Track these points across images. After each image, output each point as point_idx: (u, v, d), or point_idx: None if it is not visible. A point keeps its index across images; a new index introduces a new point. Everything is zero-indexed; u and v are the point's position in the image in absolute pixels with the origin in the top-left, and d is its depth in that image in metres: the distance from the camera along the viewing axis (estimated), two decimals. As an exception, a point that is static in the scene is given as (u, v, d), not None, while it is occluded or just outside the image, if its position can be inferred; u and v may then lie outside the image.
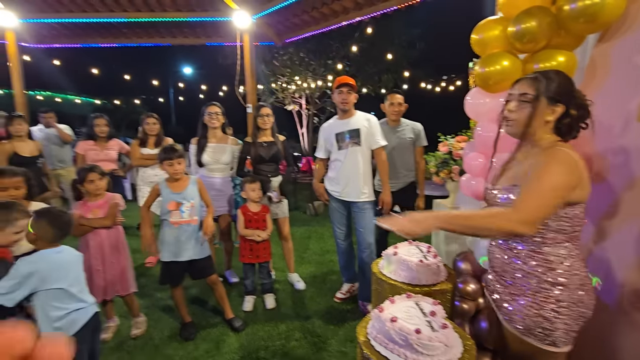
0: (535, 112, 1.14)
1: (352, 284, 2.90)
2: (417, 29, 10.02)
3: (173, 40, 6.58)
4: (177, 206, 2.27)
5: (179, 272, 2.32)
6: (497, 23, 1.83)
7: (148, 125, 3.41)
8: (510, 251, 1.19)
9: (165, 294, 2.90)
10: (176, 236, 2.26)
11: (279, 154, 2.92)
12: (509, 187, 1.17)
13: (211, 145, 2.90)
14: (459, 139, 2.84)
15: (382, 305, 1.23)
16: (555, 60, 1.60)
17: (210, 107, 2.89)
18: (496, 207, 1.20)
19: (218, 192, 2.92)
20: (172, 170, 2.27)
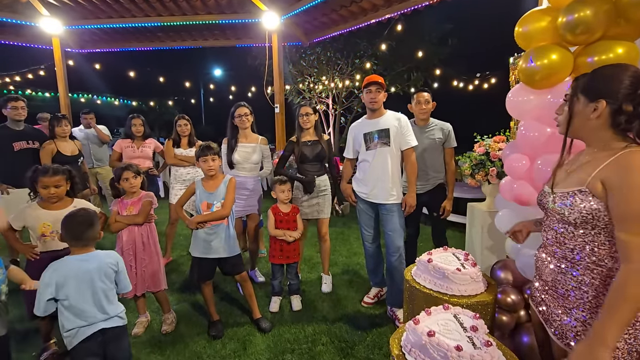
0: (572, 110, 1.08)
1: (380, 289, 2.82)
2: (449, 25, 9.67)
3: (204, 42, 6.76)
4: (209, 206, 2.29)
5: (209, 268, 2.35)
6: (544, 14, 1.70)
7: (180, 127, 3.50)
8: (567, 261, 1.08)
9: (194, 292, 2.94)
10: (207, 235, 2.28)
11: (323, 152, 2.89)
12: (573, 192, 1.05)
13: (242, 145, 2.92)
14: (496, 139, 2.68)
15: (417, 317, 1.15)
16: (613, 52, 1.45)
17: (239, 109, 2.91)
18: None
19: (249, 192, 2.94)
20: (206, 166, 2.29)
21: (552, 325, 1.11)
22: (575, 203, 1.03)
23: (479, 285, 1.44)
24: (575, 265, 1.06)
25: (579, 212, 1.01)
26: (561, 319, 1.07)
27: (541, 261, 1.18)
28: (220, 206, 2.28)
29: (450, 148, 2.81)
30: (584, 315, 1.02)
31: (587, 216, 1.01)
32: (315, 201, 2.90)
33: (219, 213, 2.26)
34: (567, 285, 1.07)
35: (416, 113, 2.82)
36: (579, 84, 1.07)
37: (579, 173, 1.07)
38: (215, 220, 2.27)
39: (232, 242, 2.34)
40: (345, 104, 10.85)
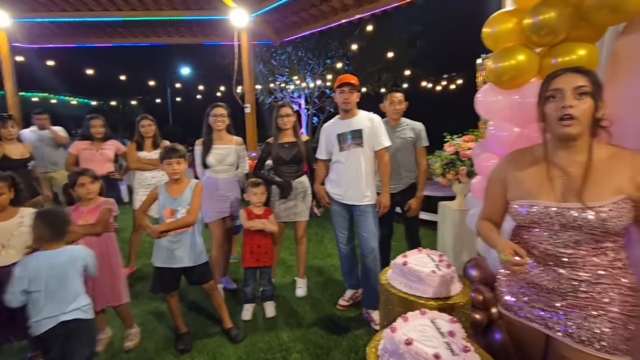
0: (597, 103, 1.03)
1: (356, 290, 2.79)
2: (418, 27, 9.91)
3: (169, 39, 6.47)
4: (172, 213, 2.15)
5: (173, 279, 2.21)
6: (511, 15, 1.72)
7: (143, 128, 3.30)
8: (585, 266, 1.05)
9: (161, 302, 2.78)
10: (170, 243, 2.15)
11: (300, 154, 2.82)
12: (617, 201, 1.00)
13: (217, 147, 2.80)
14: (466, 139, 2.73)
15: (394, 325, 1.11)
16: (575, 53, 1.49)
17: (215, 109, 2.78)
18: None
19: (223, 194, 2.82)
20: (170, 169, 2.14)
21: (573, 334, 1.06)
22: (622, 212, 1.00)
23: (454, 287, 1.43)
24: (604, 270, 1.04)
25: (627, 218, 1.01)
26: (592, 326, 1.03)
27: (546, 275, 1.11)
28: (186, 213, 2.15)
29: (421, 147, 2.83)
30: (620, 314, 1.01)
31: (628, 222, 1.01)
32: (292, 203, 2.82)
33: (184, 220, 2.13)
34: (597, 293, 1.04)
35: (389, 113, 2.83)
36: (592, 80, 1.03)
37: (605, 180, 1.02)
38: (179, 228, 2.14)
39: (198, 251, 2.21)
40: (318, 104, 10.83)
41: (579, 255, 1.05)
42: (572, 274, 1.06)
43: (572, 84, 1.03)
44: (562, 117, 1.03)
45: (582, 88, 1.02)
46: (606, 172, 1.03)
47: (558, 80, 1.07)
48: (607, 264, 1.03)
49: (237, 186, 2.94)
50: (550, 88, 1.08)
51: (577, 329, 1.05)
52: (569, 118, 1.02)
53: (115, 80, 12.70)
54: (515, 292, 1.21)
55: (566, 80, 1.05)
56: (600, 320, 1.02)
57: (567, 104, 1.02)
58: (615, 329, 1.01)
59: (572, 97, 1.03)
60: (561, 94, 1.05)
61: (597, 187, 1.02)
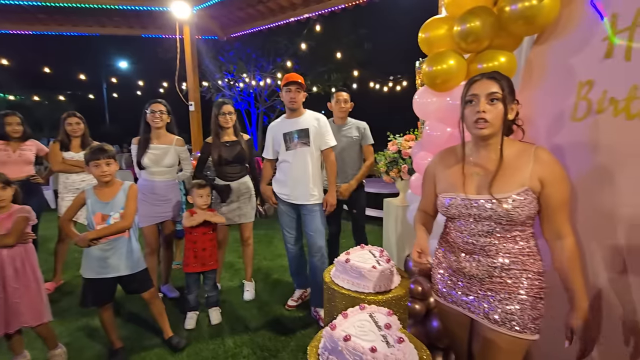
0: (507, 109, 1.14)
1: (305, 290, 2.79)
2: (365, 29, 10.21)
3: (102, 29, 5.93)
4: (104, 219, 1.96)
5: (106, 290, 2.03)
6: (443, 22, 1.82)
7: (70, 126, 2.98)
8: (508, 254, 1.15)
9: (92, 317, 2.53)
10: (102, 251, 1.96)
11: (243, 153, 2.72)
12: (519, 193, 1.11)
13: (153, 147, 2.61)
14: (407, 138, 2.86)
15: (334, 322, 1.12)
16: (497, 60, 1.62)
17: (153, 105, 2.60)
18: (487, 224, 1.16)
19: (160, 197, 2.65)
20: (99, 172, 1.95)
21: (488, 315, 1.17)
22: (524, 203, 1.10)
23: (393, 280, 1.49)
24: (514, 257, 1.14)
25: (529, 209, 1.11)
26: (505, 308, 1.14)
27: (467, 263, 1.22)
28: (119, 217, 1.98)
29: (368, 145, 2.91)
30: (528, 297, 1.13)
31: (531, 212, 1.11)
32: (236, 205, 2.74)
33: (118, 225, 1.96)
34: (508, 277, 1.14)
35: (335, 112, 2.88)
36: (504, 85, 1.14)
37: (511, 175, 1.13)
38: (113, 234, 1.96)
39: (135, 257, 2.06)
40: (268, 103, 10.68)
41: (492, 244, 1.16)
42: (488, 260, 1.17)
43: (486, 91, 1.14)
44: (477, 120, 1.14)
45: (494, 94, 1.13)
46: (514, 167, 1.14)
47: (475, 86, 1.17)
48: (517, 251, 1.14)
49: (178, 189, 2.79)
50: (469, 93, 1.18)
51: (492, 311, 1.17)
52: (483, 121, 1.13)
53: (38, 72, 11.28)
54: (445, 279, 1.32)
55: (481, 86, 1.15)
56: (511, 302, 1.13)
57: (481, 109, 1.13)
58: (524, 310, 1.12)
59: (485, 103, 1.14)
60: (477, 99, 1.15)
61: (505, 180, 1.14)
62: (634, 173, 1.22)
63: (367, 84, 11.55)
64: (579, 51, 1.40)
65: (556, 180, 1.11)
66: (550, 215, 1.13)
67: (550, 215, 1.13)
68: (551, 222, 1.13)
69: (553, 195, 1.11)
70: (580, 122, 1.39)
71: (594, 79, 1.34)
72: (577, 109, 1.40)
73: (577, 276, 1.10)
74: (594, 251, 1.33)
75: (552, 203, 1.11)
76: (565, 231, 1.12)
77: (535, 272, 1.14)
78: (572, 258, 1.11)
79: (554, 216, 1.12)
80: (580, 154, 1.37)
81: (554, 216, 1.12)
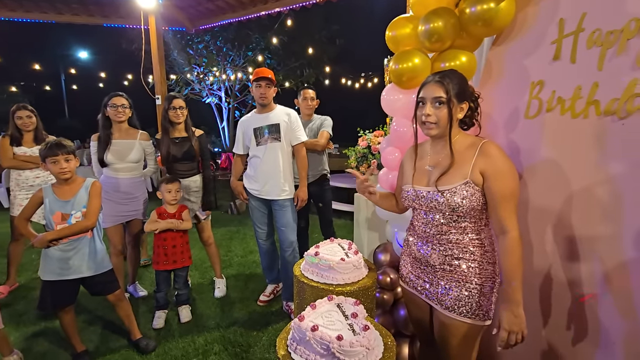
0: (452, 111, 1.21)
1: (277, 285, 2.80)
2: (337, 26, 10.24)
3: (58, 17, 5.54)
4: (64, 218, 1.86)
5: (68, 292, 1.93)
6: (408, 21, 1.88)
7: (20, 120, 2.79)
8: (456, 244, 1.22)
9: (52, 320, 2.41)
10: (63, 252, 1.87)
11: (193, 151, 2.63)
12: (461, 185, 1.18)
13: (116, 142, 2.50)
14: (376, 134, 2.92)
15: (303, 313, 1.14)
16: (459, 60, 1.69)
17: (115, 99, 2.48)
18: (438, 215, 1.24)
19: (125, 195, 2.54)
20: (57, 168, 1.83)
21: (442, 302, 1.25)
22: (466, 195, 1.17)
23: (361, 272, 1.53)
24: (464, 247, 1.21)
25: (470, 201, 1.16)
26: (454, 295, 1.22)
27: (424, 251, 1.30)
28: (81, 216, 1.89)
29: (324, 130, 2.82)
30: (476, 285, 1.20)
31: (474, 204, 1.17)
32: (188, 205, 2.62)
33: (80, 225, 1.87)
34: (458, 266, 1.21)
35: (302, 108, 2.89)
36: (450, 89, 1.20)
37: (456, 168, 1.20)
38: (75, 235, 1.87)
39: (99, 258, 1.97)
40: (239, 98, 10.49)
41: (443, 233, 1.24)
42: (442, 249, 1.25)
43: (431, 95, 1.22)
44: (424, 122, 1.24)
45: (439, 98, 1.21)
46: (462, 160, 1.22)
47: (424, 89, 1.26)
48: (468, 241, 1.22)
49: (144, 185, 2.69)
50: (419, 96, 1.27)
51: (445, 298, 1.24)
52: (430, 123, 1.22)
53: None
54: (408, 267, 1.40)
55: (427, 90, 1.24)
56: (461, 290, 1.21)
57: (426, 112, 1.22)
58: (472, 297, 1.20)
59: (431, 107, 1.22)
60: (424, 101, 1.25)
61: (453, 173, 1.21)
62: (579, 167, 1.33)
63: (339, 80, 11.63)
64: (532, 53, 1.49)
65: (498, 173, 1.15)
66: (493, 208, 1.17)
67: (493, 208, 1.18)
68: (494, 214, 1.17)
69: (494, 188, 1.15)
70: (532, 119, 1.48)
71: (544, 80, 1.44)
72: (530, 108, 1.49)
73: (513, 270, 1.13)
74: (546, 241, 1.44)
75: (494, 196, 1.16)
76: (509, 225, 1.14)
77: (485, 262, 1.21)
78: (511, 252, 1.13)
79: (497, 209, 1.16)
80: (533, 150, 1.47)
81: (497, 209, 1.16)
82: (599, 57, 1.25)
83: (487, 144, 1.20)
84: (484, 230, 1.24)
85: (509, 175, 1.15)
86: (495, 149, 1.18)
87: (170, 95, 2.62)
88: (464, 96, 1.23)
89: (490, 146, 1.19)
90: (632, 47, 1.17)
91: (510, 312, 1.13)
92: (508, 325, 1.13)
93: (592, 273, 1.31)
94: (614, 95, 1.21)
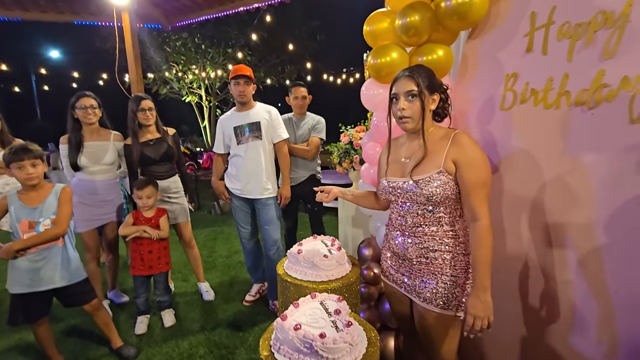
0: (424, 104, 1.22)
1: (262, 284, 2.78)
2: (317, 21, 10.18)
3: (24, 14, 5.28)
4: (32, 226, 1.78)
5: (40, 304, 1.85)
6: (385, 15, 1.87)
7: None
8: (431, 236, 1.24)
9: (26, 332, 2.31)
10: (32, 262, 1.78)
11: (171, 151, 2.55)
12: (434, 175, 1.20)
13: (89, 144, 2.38)
14: (358, 129, 2.92)
15: (285, 312, 1.13)
16: (436, 54, 1.70)
17: (82, 99, 2.34)
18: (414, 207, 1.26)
19: (101, 198, 2.44)
20: (23, 174, 1.74)
21: (419, 294, 1.26)
22: (439, 184, 1.18)
23: (344, 268, 1.53)
24: (439, 239, 1.23)
25: (444, 190, 1.18)
26: (431, 287, 1.23)
27: (401, 244, 1.31)
28: (51, 224, 1.81)
29: (315, 137, 2.81)
30: (451, 277, 1.22)
31: (447, 192, 1.18)
32: (168, 207, 2.56)
33: (50, 233, 1.78)
34: (434, 259, 1.23)
35: (294, 106, 2.84)
36: (421, 82, 1.21)
37: (430, 159, 1.22)
38: (44, 243, 1.79)
39: (73, 267, 1.89)
40: (220, 96, 10.32)
41: (420, 226, 1.26)
42: (417, 242, 1.26)
43: (403, 89, 1.23)
44: (401, 117, 1.25)
45: (411, 92, 1.22)
46: (435, 151, 1.24)
47: (396, 85, 1.27)
48: (443, 233, 1.23)
49: (119, 188, 2.60)
50: (392, 93, 1.29)
51: (422, 290, 1.26)
52: (405, 117, 1.24)
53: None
54: (388, 261, 1.41)
55: (399, 85, 1.25)
56: (436, 281, 1.23)
57: (400, 107, 1.24)
58: (448, 289, 1.22)
59: (404, 101, 1.24)
60: (397, 97, 1.26)
61: (426, 163, 1.24)
62: (552, 157, 1.36)
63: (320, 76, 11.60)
64: (505, 46, 1.52)
65: (469, 162, 1.16)
66: (465, 196, 1.19)
67: (465, 197, 1.19)
68: (466, 203, 1.19)
69: (466, 177, 1.17)
70: (507, 111, 1.51)
71: (518, 72, 1.46)
72: (505, 100, 1.52)
73: (482, 257, 1.15)
74: (521, 230, 1.47)
75: (466, 185, 1.17)
76: (480, 213, 1.16)
77: (460, 253, 1.23)
78: (480, 239, 1.15)
79: (468, 197, 1.18)
80: (509, 141, 1.50)
81: (468, 197, 1.18)
82: (568, 48, 1.28)
83: (459, 134, 1.22)
84: (459, 222, 1.25)
85: (481, 164, 1.17)
86: (466, 139, 1.20)
87: (136, 96, 2.51)
88: (434, 88, 1.25)
89: (462, 136, 1.21)
90: (599, 39, 1.20)
91: (477, 297, 1.14)
92: (474, 310, 1.14)
93: (567, 258, 1.35)
94: (583, 86, 1.25)
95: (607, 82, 1.18)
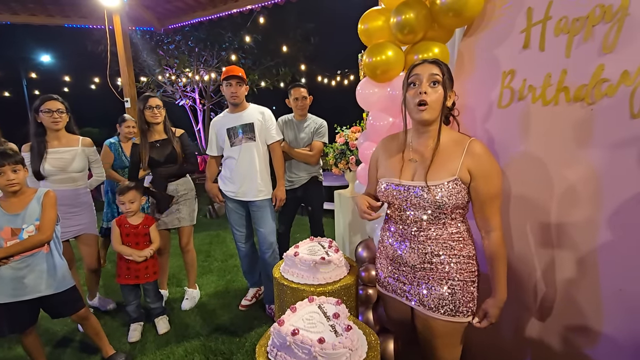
0: (447, 94, 1.16)
1: (259, 288, 2.73)
2: (311, 23, 10.17)
3: (13, 17, 5.20)
4: (15, 233, 1.71)
5: (26, 314, 1.78)
6: (380, 13, 1.85)
7: None
8: (437, 241, 1.17)
9: (15, 343, 2.24)
10: (15, 270, 1.71)
11: (175, 153, 2.48)
12: (448, 182, 1.13)
13: (53, 151, 2.24)
14: (354, 130, 2.90)
15: (282, 317, 1.09)
16: (431, 51, 1.68)
17: (48, 103, 2.21)
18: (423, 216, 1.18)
19: (71, 208, 2.28)
20: (4, 181, 1.69)
21: (423, 302, 1.19)
22: (452, 192, 1.12)
23: (342, 270, 1.50)
24: (444, 242, 1.17)
25: (456, 198, 1.12)
26: (436, 294, 1.17)
27: (401, 251, 1.23)
28: (35, 230, 1.74)
29: (318, 141, 2.77)
30: (459, 282, 1.16)
31: (459, 202, 1.13)
32: (175, 207, 2.54)
33: (34, 239, 1.71)
34: (439, 264, 1.17)
35: (294, 108, 2.78)
36: (444, 70, 1.15)
37: (443, 164, 1.15)
38: (28, 250, 1.72)
39: (60, 275, 1.82)
40: (215, 99, 10.26)
41: (423, 230, 1.18)
42: (420, 247, 1.19)
43: (428, 72, 1.15)
44: (419, 103, 1.14)
45: (435, 76, 1.14)
46: (448, 156, 1.16)
47: (417, 68, 1.17)
48: (447, 237, 1.17)
49: (89, 195, 2.47)
50: (411, 74, 1.18)
51: (426, 297, 1.19)
52: (424, 104, 1.13)
53: None
54: (384, 268, 1.32)
55: (423, 68, 1.16)
56: (442, 287, 1.17)
57: (422, 90, 1.13)
58: (454, 295, 1.16)
59: (427, 84, 1.14)
60: (419, 80, 1.16)
61: (438, 169, 1.16)
62: (552, 153, 1.34)
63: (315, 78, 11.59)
64: (502, 42, 1.50)
65: (485, 174, 1.13)
66: (479, 207, 1.16)
67: (479, 207, 1.17)
68: (480, 213, 1.17)
69: (481, 188, 1.13)
70: (505, 109, 1.49)
71: (515, 69, 1.44)
72: (502, 97, 1.50)
73: (499, 268, 1.16)
74: (520, 227, 1.45)
75: (481, 196, 1.14)
76: (493, 225, 1.15)
77: (465, 256, 1.17)
78: (496, 252, 1.15)
79: (483, 208, 1.16)
80: (507, 139, 1.48)
81: (483, 208, 1.16)
82: (566, 44, 1.27)
83: (475, 142, 1.16)
84: (462, 224, 1.20)
85: (496, 176, 1.15)
86: (483, 149, 1.15)
87: (144, 95, 2.47)
88: (452, 84, 1.20)
89: (479, 145, 1.16)
90: (598, 33, 1.18)
91: (498, 308, 1.17)
92: (494, 319, 1.17)
93: (566, 256, 1.33)
94: (582, 81, 1.23)
95: (607, 76, 1.17)
